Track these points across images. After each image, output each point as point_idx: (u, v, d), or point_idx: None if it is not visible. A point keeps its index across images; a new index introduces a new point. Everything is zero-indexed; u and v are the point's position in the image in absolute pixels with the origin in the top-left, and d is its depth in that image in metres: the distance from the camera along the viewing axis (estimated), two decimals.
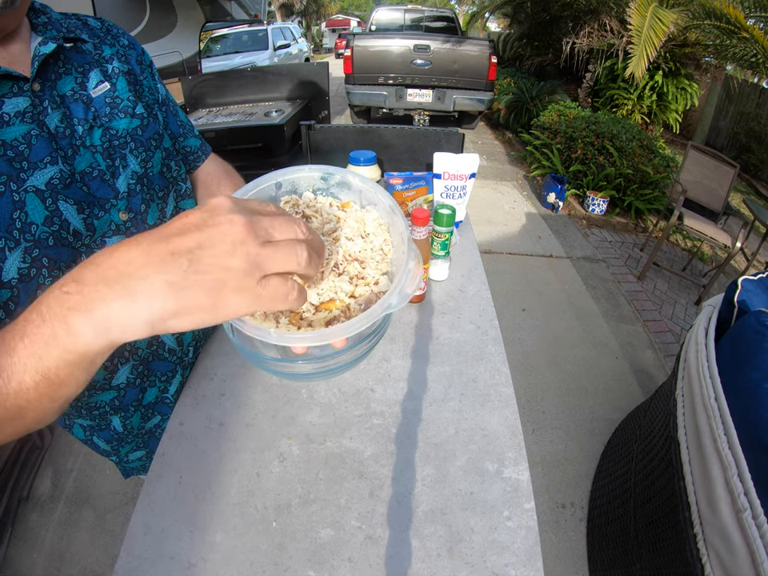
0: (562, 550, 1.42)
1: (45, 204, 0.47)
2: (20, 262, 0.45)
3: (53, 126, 0.49)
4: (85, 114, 0.53)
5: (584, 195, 3.78)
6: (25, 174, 0.46)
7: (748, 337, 0.95)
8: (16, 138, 0.46)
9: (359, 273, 0.39)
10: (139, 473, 0.84)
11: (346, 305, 0.37)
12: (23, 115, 0.47)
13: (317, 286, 0.38)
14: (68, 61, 0.53)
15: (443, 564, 0.47)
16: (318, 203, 0.44)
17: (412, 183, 1.05)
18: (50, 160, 0.48)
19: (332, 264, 0.38)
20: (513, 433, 0.60)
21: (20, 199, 0.46)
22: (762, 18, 3.68)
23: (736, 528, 0.75)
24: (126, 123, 0.57)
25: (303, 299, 0.29)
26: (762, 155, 5.27)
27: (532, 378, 2.06)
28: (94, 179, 0.53)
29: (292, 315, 0.36)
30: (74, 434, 0.70)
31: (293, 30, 9.96)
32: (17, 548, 1.38)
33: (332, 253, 0.39)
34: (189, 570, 0.46)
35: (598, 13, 4.76)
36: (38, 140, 0.48)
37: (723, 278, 2.81)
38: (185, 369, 0.72)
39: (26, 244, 0.46)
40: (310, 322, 0.36)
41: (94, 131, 0.53)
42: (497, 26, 15.85)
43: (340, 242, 0.40)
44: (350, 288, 0.38)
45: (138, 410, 0.68)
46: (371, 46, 4.89)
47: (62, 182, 0.49)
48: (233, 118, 2.61)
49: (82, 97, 0.53)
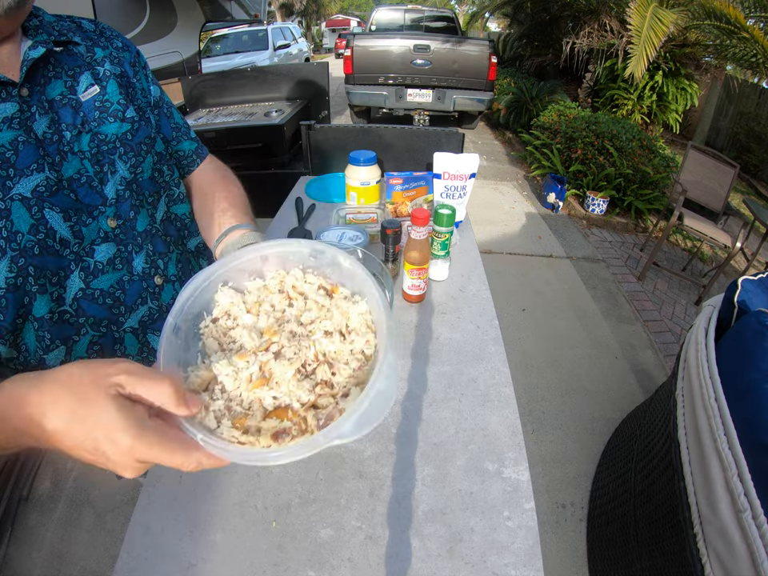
0: (562, 550, 1.42)
1: (30, 212, 0.47)
2: (7, 272, 0.45)
3: (40, 132, 0.49)
4: (73, 120, 0.52)
5: (584, 195, 3.78)
6: (11, 182, 0.46)
7: (748, 337, 0.95)
8: (2, 145, 0.46)
9: (328, 379, 0.34)
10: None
11: (301, 417, 0.31)
12: (11, 121, 0.46)
13: (277, 387, 0.33)
14: (58, 64, 0.53)
15: (443, 564, 0.47)
16: (306, 284, 0.40)
17: (412, 183, 1.05)
18: (37, 167, 0.48)
19: (297, 364, 0.34)
20: (513, 433, 0.60)
21: (5, 207, 0.45)
22: (762, 18, 3.68)
23: (736, 528, 0.75)
24: (115, 128, 0.56)
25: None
26: (761, 155, 5.27)
27: (532, 378, 2.06)
28: (81, 186, 0.52)
29: (238, 418, 0.32)
30: None
31: (293, 30, 9.97)
32: (17, 548, 1.38)
33: (301, 349, 0.35)
34: (189, 570, 0.46)
35: (598, 13, 4.76)
36: (25, 146, 0.47)
37: (723, 278, 2.81)
38: None
39: (11, 253, 0.45)
40: (258, 428, 0.31)
41: (82, 137, 0.52)
42: (497, 26, 15.86)
43: (315, 337, 0.35)
44: (309, 398, 0.33)
45: None
46: (371, 46, 4.89)
47: (48, 189, 0.48)
48: (233, 117, 2.61)
49: (71, 101, 0.53)
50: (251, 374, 0.33)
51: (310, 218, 1.13)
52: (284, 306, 0.39)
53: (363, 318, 0.37)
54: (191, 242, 0.72)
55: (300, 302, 0.39)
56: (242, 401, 0.33)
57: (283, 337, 0.36)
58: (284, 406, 0.32)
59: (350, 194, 1.14)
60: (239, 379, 0.33)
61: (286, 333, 0.36)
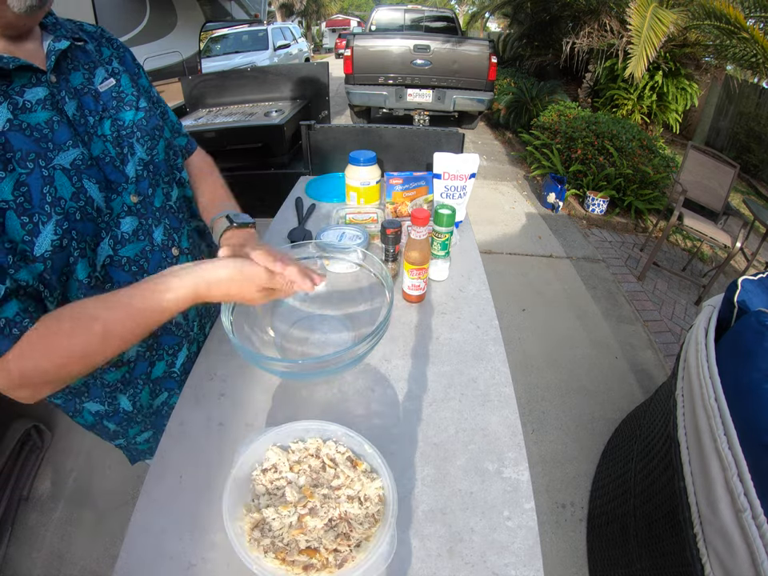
0: (562, 550, 1.42)
1: (71, 181, 0.52)
2: (52, 235, 0.49)
3: (71, 114, 0.54)
4: (95, 106, 0.58)
5: (584, 195, 3.78)
6: (51, 154, 0.50)
7: (748, 337, 0.95)
8: (39, 123, 0.50)
9: (347, 533, 0.45)
10: (145, 456, 0.87)
11: (325, 558, 0.43)
12: (44, 102, 0.52)
13: (309, 534, 0.45)
14: (75, 59, 0.58)
15: (443, 564, 0.47)
16: (337, 453, 0.52)
17: (412, 183, 1.05)
18: (72, 143, 0.53)
19: (326, 520, 0.45)
20: (513, 433, 0.60)
21: (49, 175, 0.50)
22: (762, 18, 3.68)
23: (736, 528, 0.75)
24: (131, 115, 0.62)
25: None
26: (761, 155, 5.26)
27: (532, 378, 2.06)
28: (107, 164, 0.57)
29: (279, 551, 0.43)
30: (84, 418, 0.73)
31: (293, 30, 9.96)
32: (17, 548, 1.38)
33: (329, 510, 0.46)
34: (189, 570, 0.46)
35: (598, 13, 4.76)
36: (60, 126, 0.52)
37: (723, 278, 2.81)
38: (190, 343, 0.76)
39: (56, 217, 0.49)
40: (293, 560, 0.42)
41: (103, 122, 0.58)
42: (497, 26, 15.86)
43: (340, 500, 0.47)
44: (332, 546, 0.44)
45: (146, 384, 0.72)
46: (371, 46, 4.89)
47: (84, 162, 0.54)
48: (233, 117, 2.61)
49: (91, 91, 0.58)
50: (291, 522, 0.45)
51: (310, 218, 1.13)
52: (318, 469, 0.50)
53: (377, 492, 0.48)
54: (194, 223, 0.80)
55: (331, 471, 0.50)
56: (283, 539, 0.44)
57: (317, 498, 0.47)
58: (313, 548, 0.44)
59: (349, 194, 1.14)
60: (283, 525, 0.45)
61: (319, 495, 0.47)
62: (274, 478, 0.49)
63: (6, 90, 0.49)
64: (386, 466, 0.48)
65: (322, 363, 0.57)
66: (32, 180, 0.48)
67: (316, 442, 0.52)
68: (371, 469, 0.50)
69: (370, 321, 0.71)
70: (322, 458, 0.51)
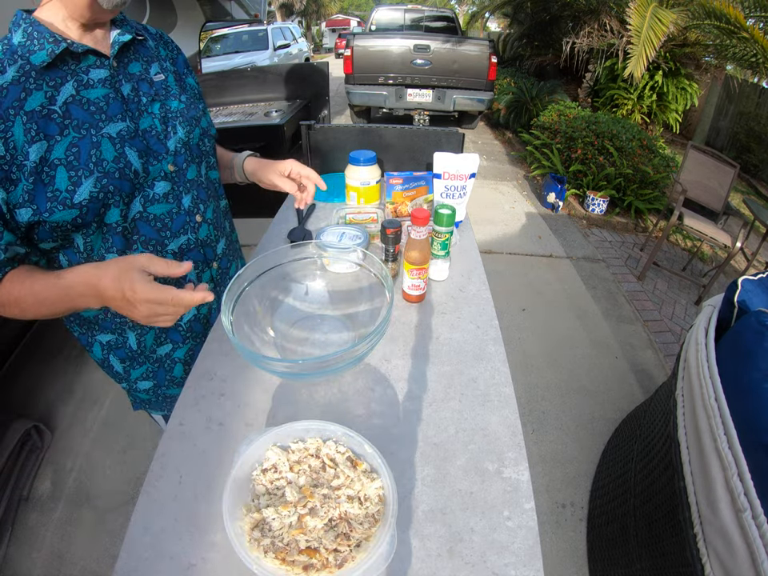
0: (562, 550, 1.42)
1: (115, 147, 0.63)
2: (91, 187, 0.60)
3: (126, 93, 0.65)
4: (149, 90, 0.69)
5: (584, 195, 3.78)
6: (102, 124, 0.62)
7: (748, 337, 0.95)
8: (97, 97, 0.62)
9: (347, 533, 0.45)
10: (146, 407, 0.93)
11: (325, 557, 0.43)
12: (104, 82, 0.63)
13: (309, 533, 0.44)
14: (136, 52, 0.69)
15: (443, 564, 0.47)
16: (337, 453, 0.51)
17: (412, 183, 1.05)
18: (121, 117, 0.64)
19: (326, 520, 0.45)
20: (513, 433, 0.60)
21: (97, 141, 0.61)
22: (762, 18, 3.68)
23: (736, 528, 0.75)
24: (176, 104, 0.73)
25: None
26: (761, 155, 5.27)
27: (532, 378, 2.06)
28: (152, 137, 0.68)
29: (279, 551, 0.43)
30: (93, 353, 0.82)
31: (293, 29, 9.96)
32: (17, 548, 1.38)
33: (329, 510, 0.46)
34: (189, 570, 0.46)
35: (598, 13, 4.76)
36: (114, 102, 0.63)
37: (723, 278, 2.81)
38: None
39: (97, 174, 0.61)
40: (293, 560, 0.42)
41: (154, 103, 0.69)
42: (497, 25, 15.86)
43: (340, 500, 0.47)
44: (332, 546, 0.43)
45: (152, 328, 0.79)
46: (371, 46, 4.89)
47: (129, 134, 0.64)
48: (233, 117, 2.61)
49: (147, 78, 0.69)
50: (291, 522, 0.45)
51: (310, 218, 1.13)
52: (318, 469, 0.50)
53: (377, 492, 0.48)
54: (222, 202, 0.89)
55: (331, 471, 0.50)
56: (283, 539, 0.44)
57: (317, 498, 0.47)
58: (313, 548, 0.43)
59: (349, 193, 1.14)
60: (283, 525, 0.45)
61: (319, 495, 0.47)
62: (273, 477, 0.49)
63: (74, 69, 0.60)
64: (385, 466, 0.48)
65: (322, 363, 0.57)
66: (82, 144, 0.60)
67: (316, 442, 0.52)
68: (371, 469, 0.50)
69: (370, 321, 0.71)
70: (321, 458, 0.51)
